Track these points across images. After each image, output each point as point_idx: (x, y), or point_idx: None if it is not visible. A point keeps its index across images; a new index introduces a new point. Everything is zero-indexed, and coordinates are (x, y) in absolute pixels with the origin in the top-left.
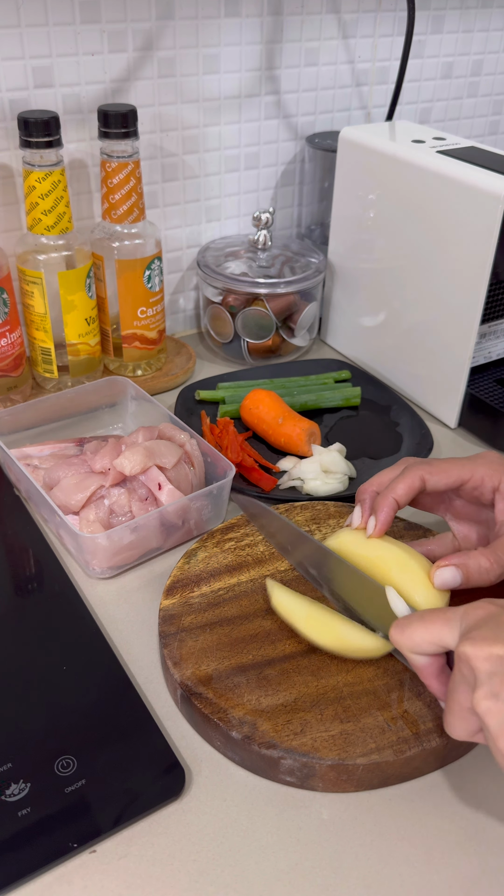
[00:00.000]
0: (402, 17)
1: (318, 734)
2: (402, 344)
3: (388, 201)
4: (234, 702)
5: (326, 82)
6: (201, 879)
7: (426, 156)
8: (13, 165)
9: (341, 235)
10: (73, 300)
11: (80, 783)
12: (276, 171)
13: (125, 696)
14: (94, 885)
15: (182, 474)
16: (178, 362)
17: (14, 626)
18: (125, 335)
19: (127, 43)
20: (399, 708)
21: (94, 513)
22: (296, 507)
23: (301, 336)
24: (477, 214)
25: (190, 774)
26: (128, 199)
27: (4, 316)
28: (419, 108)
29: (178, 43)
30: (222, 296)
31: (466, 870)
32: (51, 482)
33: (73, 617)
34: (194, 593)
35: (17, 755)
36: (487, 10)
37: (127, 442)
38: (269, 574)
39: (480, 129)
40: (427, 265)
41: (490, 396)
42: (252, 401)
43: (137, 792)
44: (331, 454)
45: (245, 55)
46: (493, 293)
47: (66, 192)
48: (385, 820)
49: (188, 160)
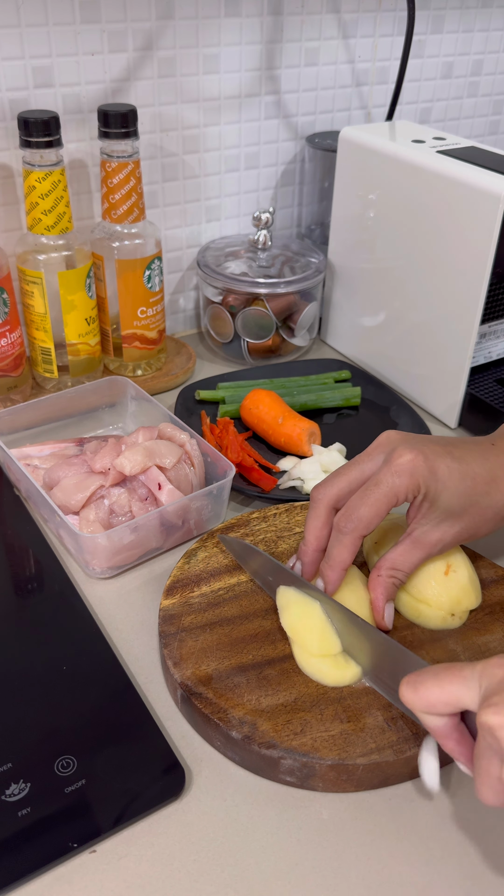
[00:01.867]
0: (402, 17)
1: (318, 734)
2: (402, 344)
3: (388, 201)
4: (234, 702)
5: (326, 82)
6: (201, 879)
7: (426, 156)
8: (13, 165)
9: (341, 235)
10: (73, 300)
11: (80, 783)
12: (276, 171)
13: (125, 696)
14: (94, 885)
15: (182, 474)
16: (178, 362)
17: (14, 626)
18: (125, 335)
19: (127, 43)
20: (399, 708)
21: (94, 513)
22: (296, 507)
23: (301, 336)
24: (477, 214)
25: (190, 774)
26: (128, 199)
27: (4, 316)
28: (419, 108)
29: (178, 43)
30: (222, 296)
31: (466, 870)
32: (51, 482)
33: (73, 617)
34: (194, 593)
35: (17, 755)
36: (487, 10)
37: (127, 442)
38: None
39: (480, 129)
40: (427, 265)
41: (490, 396)
42: (252, 401)
43: (137, 792)
44: (331, 454)
45: (245, 55)
46: (493, 293)
47: (66, 192)
48: (385, 820)
49: (188, 160)
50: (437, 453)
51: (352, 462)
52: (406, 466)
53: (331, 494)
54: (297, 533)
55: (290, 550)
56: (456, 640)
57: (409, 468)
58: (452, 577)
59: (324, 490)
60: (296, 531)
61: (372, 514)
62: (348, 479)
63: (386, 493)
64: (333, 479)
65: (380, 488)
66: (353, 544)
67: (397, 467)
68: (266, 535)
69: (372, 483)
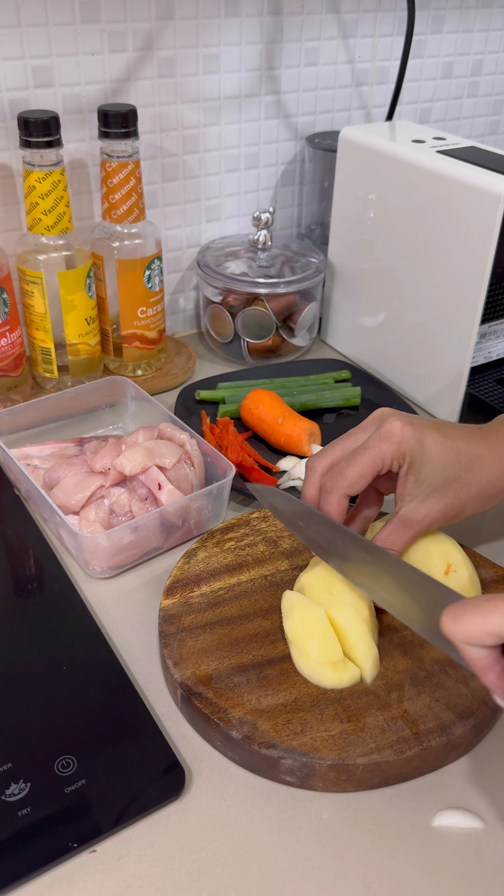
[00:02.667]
0: (402, 17)
1: (318, 734)
2: (402, 344)
3: (388, 201)
4: (234, 702)
5: (326, 82)
6: (201, 879)
7: (426, 156)
8: (13, 165)
9: (341, 235)
10: (73, 300)
11: (80, 783)
12: (276, 171)
13: (125, 696)
14: (94, 885)
15: (182, 474)
16: (178, 362)
17: (14, 626)
18: (125, 335)
19: (127, 43)
20: (399, 708)
21: (94, 512)
22: None
23: (301, 336)
24: (477, 214)
25: (190, 774)
26: (128, 199)
27: (4, 316)
28: (419, 108)
29: (178, 43)
30: (222, 296)
31: (466, 870)
32: (51, 482)
33: (73, 617)
34: (194, 593)
35: (17, 755)
36: (487, 10)
37: (127, 442)
38: (268, 574)
39: (480, 129)
40: (427, 265)
41: (490, 396)
42: (252, 401)
43: (137, 792)
44: None
45: (245, 55)
46: (493, 293)
47: (66, 192)
48: (385, 820)
49: (188, 160)
50: (425, 426)
51: (346, 434)
52: (395, 434)
53: (325, 463)
54: None
55: (290, 550)
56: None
57: (399, 436)
58: (453, 576)
59: (318, 459)
60: None
61: (357, 475)
62: (342, 448)
63: (372, 456)
64: (328, 449)
65: (367, 452)
66: (339, 503)
67: (386, 433)
68: (266, 534)
69: (360, 447)
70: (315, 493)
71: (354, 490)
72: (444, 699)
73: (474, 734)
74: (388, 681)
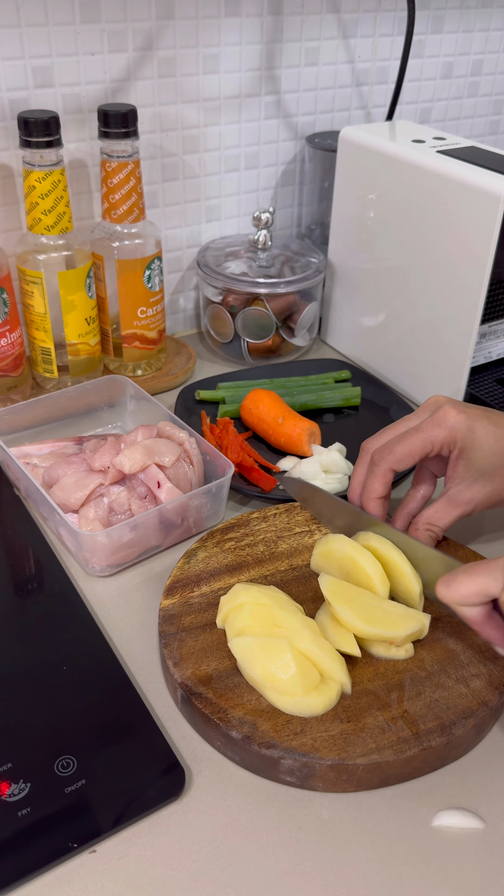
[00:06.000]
0: (402, 17)
1: (318, 734)
2: (403, 344)
3: (388, 201)
4: (234, 702)
5: (326, 82)
6: (201, 879)
7: (426, 156)
8: (13, 165)
9: (341, 235)
10: (73, 300)
11: (80, 783)
12: (276, 171)
13: (125, 696)
14: (94, 885)
15: (181, 472)
16: (178, 362)
17: (14, 626)
18: (125, 335)
19: (127, 43)
20: (399, 708)
21: (93, 511)
22: (295, 507)
23: (301, 336)
24: (477, 214)
25: (190, 774)
26: (128, 199)
27: (4, 316)
28: (419, 108)
29: (178, 43)
30: (222, 296)
31: (466, 870)
32: (50, 480)
33: (73, 616)
34: (194, 593)
35: (17, 755)
36: (487, 10)
37: (126, 440)
38: (268, 574)
39: (480, 129)
40: (427, 265)
41: (490, 396)
42: (252, 401)
43: (137, 792)
44: (331, 454)
45: (245, 55)
46: (493, 293)
47: (66, 192)
48: (385, 820)
49: (188, 160)
50: (477, 414)
51: (401, 419)
52: (448, 420)
53: (378, 443)
54: (297, 533)
55: (290, 550)
56: (456, 640)
57: (451, 423)
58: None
59: (372, 441)
60: (296, 531)
61: (405, 452)
62: (395, 431)
63: (423, 438)
64: (382, 432)
65: (418, 434)
66: (384, 476)
67: (439, 419)
68: (266, 535)
69: (413, 429)
70: (366, 471)
71: (400, 466)
72: (444, 699)
73: (474, 734)
74: (388, 681)
